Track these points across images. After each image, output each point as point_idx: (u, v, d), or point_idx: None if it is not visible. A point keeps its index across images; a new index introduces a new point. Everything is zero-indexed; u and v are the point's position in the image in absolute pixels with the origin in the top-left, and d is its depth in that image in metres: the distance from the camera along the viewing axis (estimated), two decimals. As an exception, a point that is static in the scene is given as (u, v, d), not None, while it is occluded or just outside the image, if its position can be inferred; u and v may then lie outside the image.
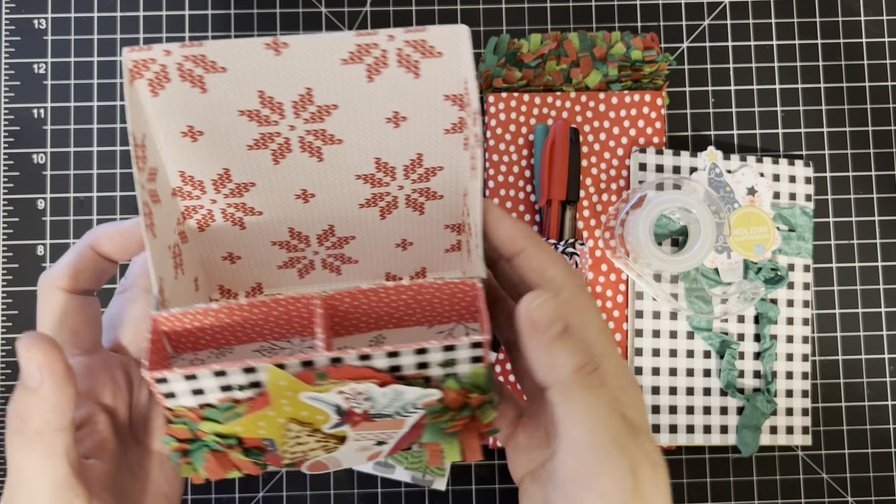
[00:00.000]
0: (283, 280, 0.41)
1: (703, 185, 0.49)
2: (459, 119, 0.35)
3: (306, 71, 0.31)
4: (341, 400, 0.30)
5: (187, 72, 0.31)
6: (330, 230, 0.39)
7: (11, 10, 0.53)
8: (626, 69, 0.52)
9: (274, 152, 0.35)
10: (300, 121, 0.33)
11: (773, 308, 0.51)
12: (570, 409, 0.29)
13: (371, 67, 0.31)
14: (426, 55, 0.31)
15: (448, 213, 0.40)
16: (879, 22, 0.54)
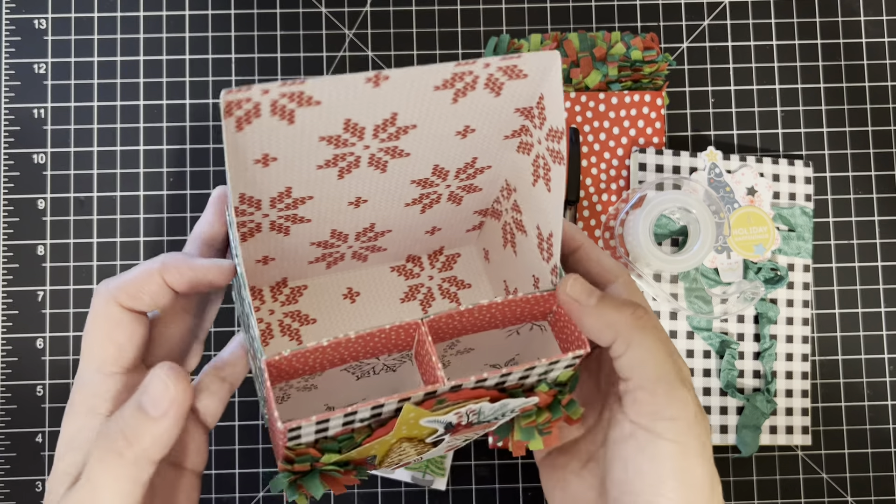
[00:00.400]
0: (309, 272, 0.41)
1: (702, 185, 0.50)
2: (521, 126, 0.35)
3: (398, 99, 0.31)
4: (454, 418, 0.32)
5: (280, 108, 0.30)
6: (370, 227, 0.40)
7: (11, 10, 0.53)
8: (626, 69, 0.52)
9: (342, 169, 0.35)
10: (377, 140, 0.33)
11: (772, 308, 0.51)
12: (634, 352, 0.32)
13: (459, 91, 0.32)
14: (512, 77, 0.32)
15: (481, 202, 0.41)
16: (879, 22, 0.55)
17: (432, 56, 0.53)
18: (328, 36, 0.53)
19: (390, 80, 0.30)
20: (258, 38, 0.53)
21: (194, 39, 0.53)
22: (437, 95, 0.32)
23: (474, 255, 0.43)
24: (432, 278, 0.43)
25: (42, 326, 0.51)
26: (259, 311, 0.40)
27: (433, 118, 0.33)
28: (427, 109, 0.32)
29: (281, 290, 0.41)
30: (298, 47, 0.53)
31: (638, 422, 0.32)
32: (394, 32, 0.53)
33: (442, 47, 0.53)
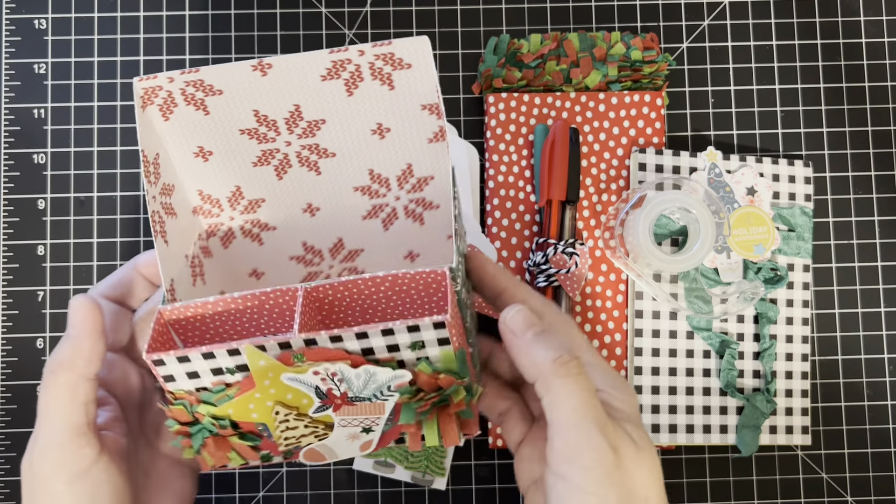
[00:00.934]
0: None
1: (702, 185, 0.50)
2: (440, 128, 0.37)
3: (292, 88, 0.34)
4: (318, 381, 0.32)
5: (190, 96, 0.34)
6: (340, 243, 0.42)
7: (12, 10, 0.53)
8: (626, 69, 0.52)
9: (276, 168, 0.38)
10: (294, 136, 0.36)
11: (772, 308, 0.51)
12: (552, 396, 0.32)
13: (348, 82, 0.34)
14: (396, 67, 0.34)
15: (448, 223, 0.41)
16: (879, 22, 0.55)
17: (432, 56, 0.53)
18: (328, 36, 0.53)
19: (274, 67, 0.33)
20: (258, 38, 0.53)
21: (194, 39, 0.53)
22: (329, 86, 0.34)
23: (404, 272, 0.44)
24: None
25: (42, 326, 0.51)
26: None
27: (338, 112, 0.36)
28: (326, 102, 0.35)
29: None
30: (298, 47, 0.53)
31: (557, 471, 0.32)
32: (394, 32, 0.53)
33: (442, 47, 0.53)
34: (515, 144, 0.51)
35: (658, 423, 0.50)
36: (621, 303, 0.51)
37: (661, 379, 0.50)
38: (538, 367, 0.33)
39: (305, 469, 0.50)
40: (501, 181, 0.51)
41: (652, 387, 0.50)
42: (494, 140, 0.51)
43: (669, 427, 0.50)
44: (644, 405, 0.50)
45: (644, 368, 0.50)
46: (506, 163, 0.51)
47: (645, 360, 0.50)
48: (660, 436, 0.50)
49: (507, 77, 0.51)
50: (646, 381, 0.50)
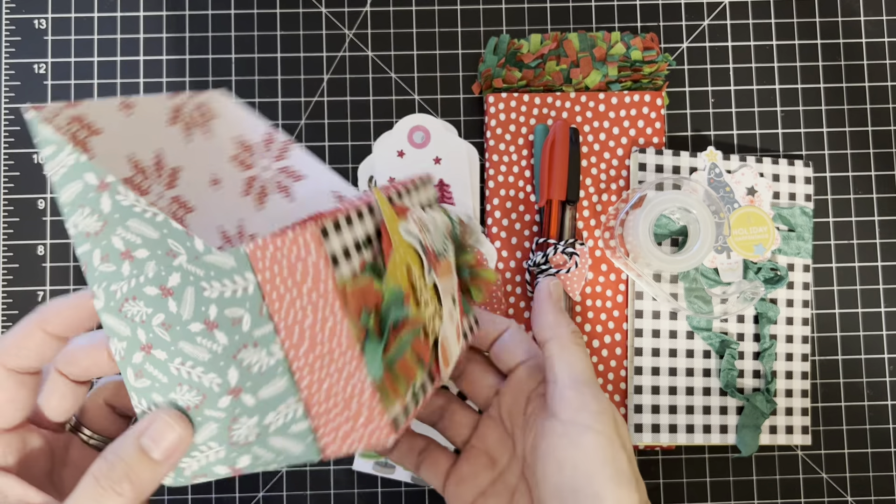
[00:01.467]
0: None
1: (702, 186, 0.50)
2: (248, 179, 0.39)
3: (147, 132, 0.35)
4: (416, 231, 0.33)
5: (74, 136, 0.31)
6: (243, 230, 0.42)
7: (12, 10, 0.53)
8: (626, 69, 0.52)
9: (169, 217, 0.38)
10: (162, 186, 0.36)
11: (772, 308, 0.51)
12: (567, 355, 0.38)
13: (187, 126, 0.35)
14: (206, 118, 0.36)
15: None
16: (879, 22, 0.55)
17: (432, 56, 0.53)
18: (328, 36, 0.53)
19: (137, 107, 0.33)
20: (258, 38, 0.53)
21: (194, 39, 0.53)
22: (171, 130, 0.35)
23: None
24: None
25: (42, 326, 0.51)
26: None
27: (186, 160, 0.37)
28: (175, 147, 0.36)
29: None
30: (298, 47, 0.53)
31: (569, 419, 0.36)
32: (394, 32, 0.53)
33: (442, 47, 0.53)
34: (515, 144, 0.51)
35: (658, 423, 0.50)
36: (621, 303, 0.51)
37: (661, 379, 0.50)
38: (559, 330, 0.39)
39: (305, 469, 0.50)
40: (501, 181, 0.51)
41: (652, 387, 0.50)
42: (494, 140, 0.51)
43: (669, 427, 0.50)
44: (644, 405, 0.50)
45: (644, 368, 0.50)
46: (506, 163, 0.51)
47: (645, 360, 0.50)
48: (660, 436, 0.50)
49: (507, 77, 0.51)
50: (646, 381, 0.50)
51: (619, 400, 0.50)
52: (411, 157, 0.51)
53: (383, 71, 0.53)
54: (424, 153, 0.51)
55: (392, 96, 0.53)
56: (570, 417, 0.36)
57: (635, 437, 0.50)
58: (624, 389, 0.50)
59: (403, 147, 0.51)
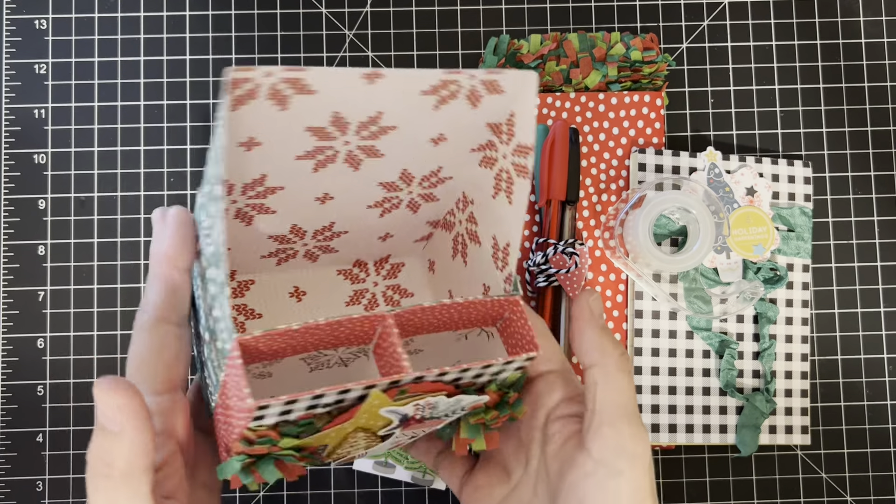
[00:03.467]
0: (258, 267, 0.41)
1: (702, 186, 0.50)
2: (488, 141, 0.36)
3: (386, 98, 0.32)
4: (412, 410, 0.32)
5: (277, 92, 0.30)
6: (329, 226, 0.40)
7: (12, 11, 0.53)
8: (626, 70, 0.52)
9: (318, 162, 0.35)
10: (357, 137, 0.34)
11: (772, 308, 0.51)
12: (611, 386, 0.34)
13: (442, 99, 0.32)
14: (491, 92, 0.33)
15: (435, 212, 0.41)
16: (878, 22, 0.55)
17: (432, 56, 0.53)
18: (328, 36, 0.53)
19: (385, 78, 0.30)
20: (258, 38, 0.53)
21: (195, 40, 0.53)
22: (422, 100, 0.32)
23: (418, 265, 0.44)
24: (377, 284, 0.43)
25: (43, 326, 0.51)
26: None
27: (414, 123, 0.34)
28: (410, 113, 0.33)
29: (229, 281, 0.41)
30: (299, 48, 0.53)
31: (601, 458, 0.33)
32: (394, 33, 0.53)
33: (442, 48, 0.53)
34: (515, 144, 0.51)
35: (658, 422, 0.50)
36: (621, 303, 0.51)
37: (660, 379, 0.50)
38: (604, 356, 0.35)
39: (305, 469, 0.50)
40: (501, 181, 0.51)
41: (652, 387, 0.50)
42: (494, 140, 0.51)
43: (669, 427, 0.50)
44: (644, 405, 0.50)
45: (644, 368, 0.50)
46: (506, 163, 0.51)
47: (645, 359, 0.50)
48: (659, 435, 0.50)
49: (506, 77, 0.51)
50: (645, 380, 0.50)
51: (619, 400, 0.51)
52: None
53: (383, 71, 0.53)
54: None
55: (392, 96, 0.53)
56: (602, 457, 0.33)
57: (635, 436, 0.50)
58: (624, 389, 0.51)
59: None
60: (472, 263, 0.39)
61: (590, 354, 0.35)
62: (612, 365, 0.35)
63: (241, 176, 0.35)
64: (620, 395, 0.34)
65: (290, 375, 0.37)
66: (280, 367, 0.36)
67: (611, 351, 0.35)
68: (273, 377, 0.37)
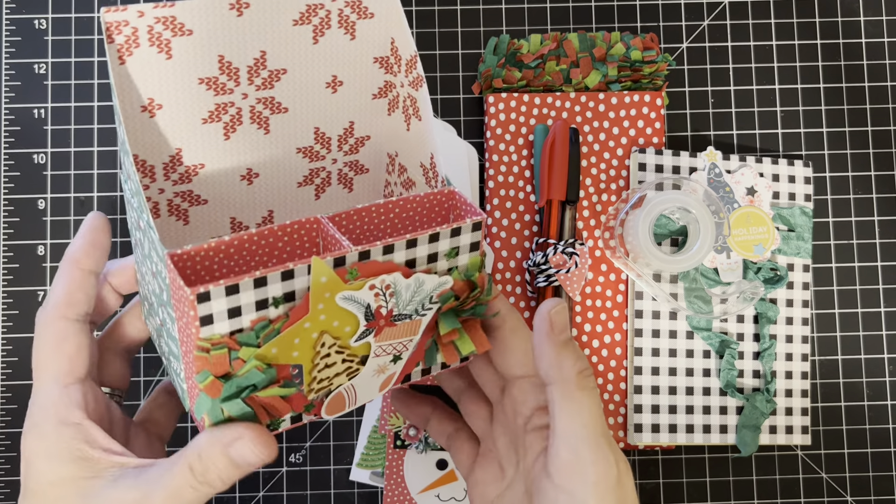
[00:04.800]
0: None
1: (702, 186, 0.50)
2: (385, 83, 0.36)
3: (262, 32, 0.33)
4: (372, 297, 0.32)
5: (156, 35, 0.31)
6: (269, 217, 0.40)
7: (12, 11, 0.53)
8: (626, 69, 0.52)
9: (226, 125, 0.36)
10: (252, 87, 0.34)
11: (772, 308, 0.51)
12: (569, 405, 0.33)
13: (317, 28, 0.33)
14: (361, 16, 0.33)
15: (373, 188, 0.42)
16: (879, 22, 0.55)
17: (432, 56, 0.53)
18: (328, 36, 0.53)
19: (251, 8, 0.31)
20: (258, 38, 0.53)
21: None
22: (297, 32, 0.33)
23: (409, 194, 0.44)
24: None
25: (42, 326, 0.51)
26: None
27: (300, 62, 0.34)
28: (292, 49, 0.33)
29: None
30: (298, 47, 0.53)
31: (562, 485, 0.32)
32: (394, 32, 0.53)
33: (442, 47, 0.53)
34: (515, 144, 0.51)
35: (658, 423, 0.50)
36: (621, 303, 0.51)
37: (660, 379, 0.50)
38: (562, 373, 0.33)
39: (305, 469, 0.50)
40: (501, 181, 0.51)
41: (652, 387, 0.50)
42: (494, 140, 0.51)
43: (669, 427, 0.50)
44: (644, 405, 0.50)
45: (644, 368, 0.50)
46: (506, 163, 0.51)
47: (645, 360, 0.50)
48: (660, 436, 0.50)
49: (506, 77, 0.51)
50: (646, 381, 0.50)
51: (620, 400, 0.50)
52: (411, 156, 0.51)
53: (383, 71, 0.53)
54: (424, 153, 0.51)
55: (392, 96, 0.53)
56: (562, 484, 0.32)
57: (635, 437, 0.50)
58: (624, 389, 0.50)
59: (403, 147, 0.51)
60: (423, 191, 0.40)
61: (547, 372, 0.33)
62: (570, 381, 0.33)
63: (157, 153, 0.35)
64: (580, 415, 0.32)
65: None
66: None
67: (569, 367, 0.33)
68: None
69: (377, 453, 0.48)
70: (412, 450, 0.48)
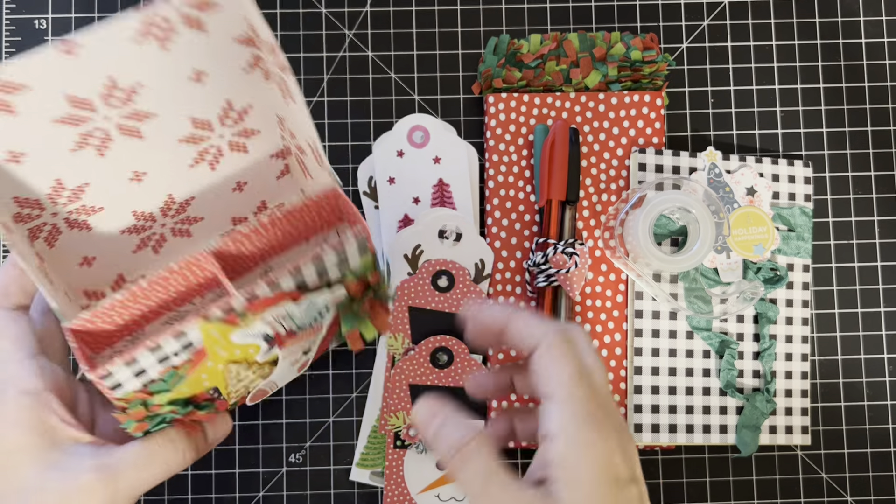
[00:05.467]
0: (140, 263, 0.42)
1: (702, 186, 0.50)
2: (254, 57, 0.36)
3: (104, 62, 0.32)
4: (267, 328, 0.33)
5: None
6: (170, 200, 0.41)
7: (12, 11, 0.53)
8: (626, 69, 0.52)
9: (97, 147, 0.36)
10: (112, 109, 0.34)
11: (772, 308, 0.51)
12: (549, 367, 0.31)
13: (161, 38, 0.32)
14: (205, 10, 0.32)
15: (270, 144, 0.42)
16: (879, 22, 0.55)
17: (432, 56, 0.53)
18: (328, 36, 0.53)
19: (83, 46, 0.31)
20: (258, 38, 0.53)
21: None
22: (143, 48, 0.32)
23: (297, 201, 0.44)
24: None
25: (42, 326, 0.51)
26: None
27: (154, 71, 0.34)
28: (141, 64, 0.33)
29: (119, 287, 0.41)
30: (298, 48, 0.53)
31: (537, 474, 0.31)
32: (394, 33, 0.53)
33: (442, 48, 0.53)
34: (515, 144, 0.51)
35: (658, 422, 0.50)
36: (621, 303, 0.51)
37: (660, 379, 0.50)
38: (544, 330, 0.32)
39: (305, 469, 0.50)
40: (501, 181, 0.51)
41: (652, 387, 0.50)
42: (494, 140, 0.51)
43: (669, 427, 0.50)
44: (644, 405, 0.50)
45: (644, 368, 0.50)
46: (506, 163, 0.51)
47: (645, 360, 0.50)
48: (659, 436, 0.50)
49: (506, 77, 0.51)
50: (645, 381, 0.50)
51: (619, 400, 0.50)
52: (411, 156, 0.51)
53: (383, 71, 0.53)
54: (424, 153, 0.51)
55: (392, 96, 0.53)
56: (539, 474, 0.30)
57: (635, 437, 0.50)
58: (624, 389, 0.50)
59: (403, 147, 0.51)
60: (316, 176, 0.39)
61: (527, 337, 0.32)
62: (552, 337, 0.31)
63: (34, 189, 0.36)
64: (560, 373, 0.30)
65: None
66: (151, 336, 0.37)
67: (551, 323, 0.32)
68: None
69: (377, 453, 0.48)
70: (412, 450, 0.48)
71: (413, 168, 0.51)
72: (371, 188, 0.51)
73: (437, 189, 0.51)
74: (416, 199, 0.51)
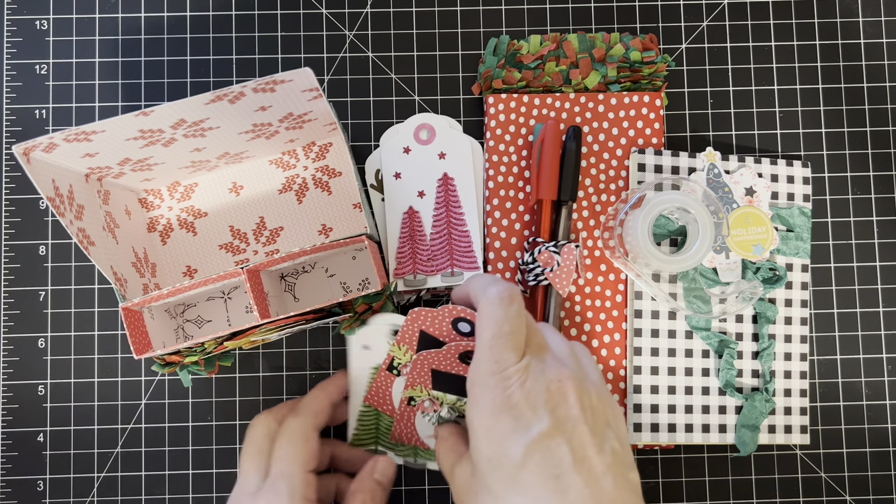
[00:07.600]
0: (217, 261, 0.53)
1: (701, 186, 0.50)
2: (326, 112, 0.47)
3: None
4: (283, 333, 0.46)
5: (73, 137, 0.41)
6: (262, 223, 0.52)
7: (13, 11, 0.53)
8: (625, 70, 0.52)
9: (207, 170, 0.51)
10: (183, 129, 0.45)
11: (771, 308, 0.51)
12: (480, 319, 0.42)
13: (234, 98, 0.42)
14: (279, 82, 0.41)
15: (352, 192, 0.52)
16: (877, 23, 0.55)
17: (432, 57, 0.53)
18: (329, 37, 0.53)
19: (153, 114, 0.40)
20: (259, 39, 0.53)
21: (195, 40, 0.53)
22: (215, 106, 0.42)
23: (341, 143, 0.53)
24: (307, 168, 0.53)
25: (44, 326, 0.51)
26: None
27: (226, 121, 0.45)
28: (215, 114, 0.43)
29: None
30: (299, 48, 0.53)
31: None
32: (394, 33, 0.53)
33: (442, 48, 0.53)
34: (515, 145, 0.52)
35: (657, 422, 0.50)
36: (621, 303, 0.51)
37: (660, 378, 0.50)
38: (481, 288, 0.41)
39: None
40: (501, 181, 0.51)
41: (651, 386, 0.50)
42: (494, 140, 0.52)
43: (668, 426, 0.50)
44: (643, 404, 0.50)
45: (643, 368, 0.50)
46: (505, 163, 0.51)
47: (644, 359, 0.50)
48: (659, 435, 0.50)
49: (506, 78, 0.52)
50: (645, 380, 0.50)
51: (619, 399, 0.51)
52: (417, 153, 0.52)
53: (383, 72, 0.53)
54: (429, 149, 0.52)
55: (392, 97, 0.53)
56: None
57: (634, 436, 0.50)
58: (623, 389, 0.51)
59: (409, 144, 0.52)
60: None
61: (464, 295, 0.44)
62: (489, 293, 0.41)
63: (158, 183, 0.52)
64: (490, 326, 0.41)
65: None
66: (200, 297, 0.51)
67: (490, 280, 0.42)
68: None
69: (367, 431, 0.49)
70: (421, 417, 0.47)
71: (418, 164, 0.51)
72: (378, 181, 0.52)
73: (442, 183, 0.51)
74: (420, 192, 0.51)
